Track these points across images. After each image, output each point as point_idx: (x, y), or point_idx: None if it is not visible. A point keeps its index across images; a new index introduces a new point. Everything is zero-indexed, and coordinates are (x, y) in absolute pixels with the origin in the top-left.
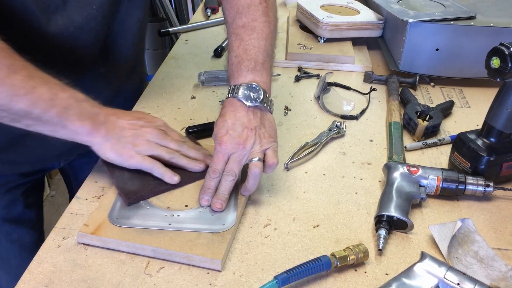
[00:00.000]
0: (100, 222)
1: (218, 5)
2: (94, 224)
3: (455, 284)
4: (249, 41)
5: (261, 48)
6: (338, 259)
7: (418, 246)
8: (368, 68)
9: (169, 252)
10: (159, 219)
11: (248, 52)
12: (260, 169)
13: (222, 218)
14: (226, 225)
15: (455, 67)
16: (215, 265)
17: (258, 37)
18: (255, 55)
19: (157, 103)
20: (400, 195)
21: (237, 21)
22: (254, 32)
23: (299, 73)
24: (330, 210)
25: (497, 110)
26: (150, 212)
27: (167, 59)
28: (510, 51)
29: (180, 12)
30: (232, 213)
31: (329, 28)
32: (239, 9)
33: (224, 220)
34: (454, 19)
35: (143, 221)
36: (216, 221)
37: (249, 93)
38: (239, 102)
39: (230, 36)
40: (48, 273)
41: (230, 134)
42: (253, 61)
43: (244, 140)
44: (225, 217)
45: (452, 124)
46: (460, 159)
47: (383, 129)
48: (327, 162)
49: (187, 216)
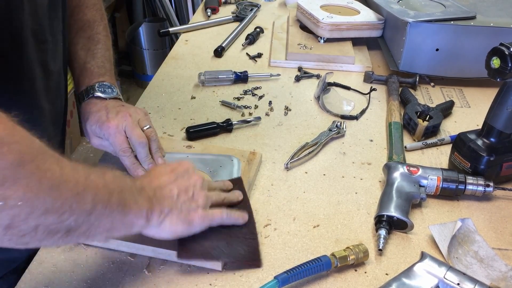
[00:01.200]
0: None
1: (218, 5)
2: None
3: (455, 284)
4: (95, 50)
5: (106, 57)
6: (338, 259)
7: (418, 246)
8: (368, 68)
9: (170, 252)
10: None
11: (97, 60)
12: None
13: None
14: None
15: (455, 67)
16: (215, 265)
17: (103, 47)
18: (102, 63)
19: (157, 103)
20: (400, 195)
21: (81, 33)
22: (100, 43)
23: (299, 73)
24: (330, 210)
25: (497, 110)
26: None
27: (167, 59)
28: (510, 51)
29: (180, 12)
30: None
31: (329, 28)
32: (84, 23)
33: None
34: (454, 19)
35: None
36: None
37: (105, 90)
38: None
39: (74, 46)
40: (48, 273)
41: (111, 116)
42: (102, 68)
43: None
44: None
45: (452, 124)
46: (460, 159)
47: (383, 129)
48: (327, 162)
49: None
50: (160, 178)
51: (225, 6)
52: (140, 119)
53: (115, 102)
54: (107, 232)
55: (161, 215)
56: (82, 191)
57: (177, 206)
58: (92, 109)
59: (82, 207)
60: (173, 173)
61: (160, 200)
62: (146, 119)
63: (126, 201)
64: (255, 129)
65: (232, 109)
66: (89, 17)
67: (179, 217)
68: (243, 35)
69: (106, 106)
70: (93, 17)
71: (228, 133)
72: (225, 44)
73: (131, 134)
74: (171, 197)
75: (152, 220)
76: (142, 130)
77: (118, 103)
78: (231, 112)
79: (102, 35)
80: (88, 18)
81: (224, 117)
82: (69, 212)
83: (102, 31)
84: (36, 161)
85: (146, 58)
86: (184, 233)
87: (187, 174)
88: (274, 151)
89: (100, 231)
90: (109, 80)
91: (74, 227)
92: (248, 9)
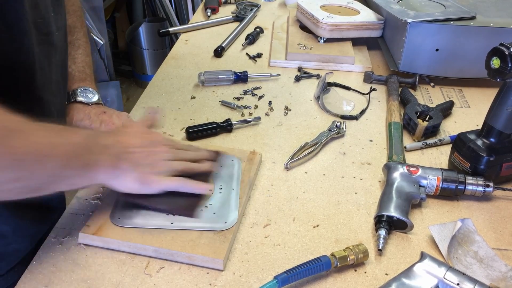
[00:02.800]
0: (102, 222)
1: (218, 5)
2: (96, 225)
3: (455, 284)
4: (76, 55)
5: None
6: (338, 259)
7: (418, 246)
8: (368, 68)
9: (171, 252)
10: (162, 218)
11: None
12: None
13: (224, 217)
14: (228, 223)
15: (455, 67)
16: (217, 264)
17: (83, 53)
18: (82, 68)
19: (157, 103)
20: (400, 195)
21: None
22: (80, 48)
23: (299, 73)
24: (330, 210)
25: (497, 110)
26: (152, 212)
27: (167, 59)
28: (510, 51)
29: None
30: (234, 212)
31: (329, 28)
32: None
33: (226, 219)
34: (454, 19)
35: (146, 220)
36: (218, 219)
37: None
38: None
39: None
40: (48, 273)
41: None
42: (83, 72)
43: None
44: (227, 216)
45: (452, 124)
46: (460, 159)
47: (383, 129)
48: (327, 162)
49: None
50: (129, 140)
51: (225, 6)
52: (125, 124)
53: (97, 108)
54: (72, 185)
55: (120, 172)
56: (44, 160)
57: (136, 168)
58: (76, 117)
59: (44, 173)
60: (142, 139)
61: (121, 160)
62: (129, 121)
63: (89, 161)
64: (255, 129)
65: (232, 109)
66: (69, 23)
67: (136, 177)
68: (243, 35)
69: (89, 115)
70: (73, 23)
71: (228, 133)
72: (225, 44)
73: None
74: (133, 160)
75: (111, 175)
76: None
77: (100, 109)
78: (231, 112)
79: (82, 41)
80: (69, 23)
81: (224, 117)
82: (33, 179)
83: (82, 37)
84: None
85: (146, 58)
86: (140, 191)
87: (154, 144)
88: (274, 151)
89: (65, 186)
90: (89, 85)
91: (41, 187)
92: (248, 9)
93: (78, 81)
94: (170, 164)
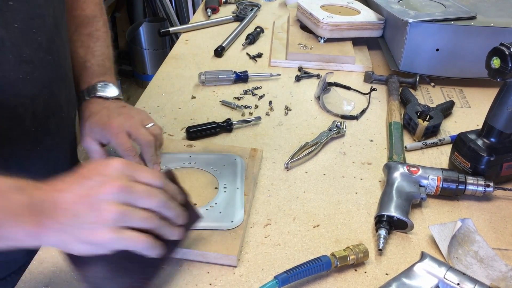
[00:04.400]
0: None
1: (218, 5)
2: None
3: (455, 284)
4: (95, 48)
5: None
6: (338, 259)
7: (418, 246)
8: (368, 68)
9: (184, 250)
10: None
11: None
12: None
13: (230, 216)
14: (235, 222)
15: (455, 67)
16: (231, 261)
17: (102, 44)
18: (102, 61)
19: (157, 103)
20: (400, 195)
21: (80, 30)
22: (99, 40)
23: (299, 73)
24: (330, 210)
25: (497, 110)
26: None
27: (167, 59)
28: (510, 51)
29: (181, 12)
30: (239, 210)
31: (329, 28)
32: (83, 20)
33: (232, 217)
34: (454, 19)
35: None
36: (225, 218)
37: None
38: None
39: (73, 43)
40: (48, 272)
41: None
42: (102, 66)
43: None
44: (232, 215)
45: (452, 124)
46: (460, 159)
47: (383, 129)
48: (327, 162)
49: None
50: (69, 187)
51: (225, 6)
52: (143, 118)
53: (116, 103)
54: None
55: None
56: None
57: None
58: (93, 109)
59: None
60: (88, 178)
61: (51, 216)
62: (148, 118)
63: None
64: (255, 129)
65: (232, 109)
66: (87, 12)
67: (77, 236)
68: (243, 35)
69: (108, 107)
70: (92, 12)
71: (228, 133)
72: (225, 44)
73: (137, 134)
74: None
75: (49, 238)
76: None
77: (119, 104)
78: (231, 112)
79: (102, 32)
80: (87, 13)
81: (224, 117)
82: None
83: (101, 28)
84: None
85: (146, 58)
86: (90, 252)
87: (102, 180)
88: (274, 151)
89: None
90: (109, 79)
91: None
92: (248, 9)
93: (97, 75)
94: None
